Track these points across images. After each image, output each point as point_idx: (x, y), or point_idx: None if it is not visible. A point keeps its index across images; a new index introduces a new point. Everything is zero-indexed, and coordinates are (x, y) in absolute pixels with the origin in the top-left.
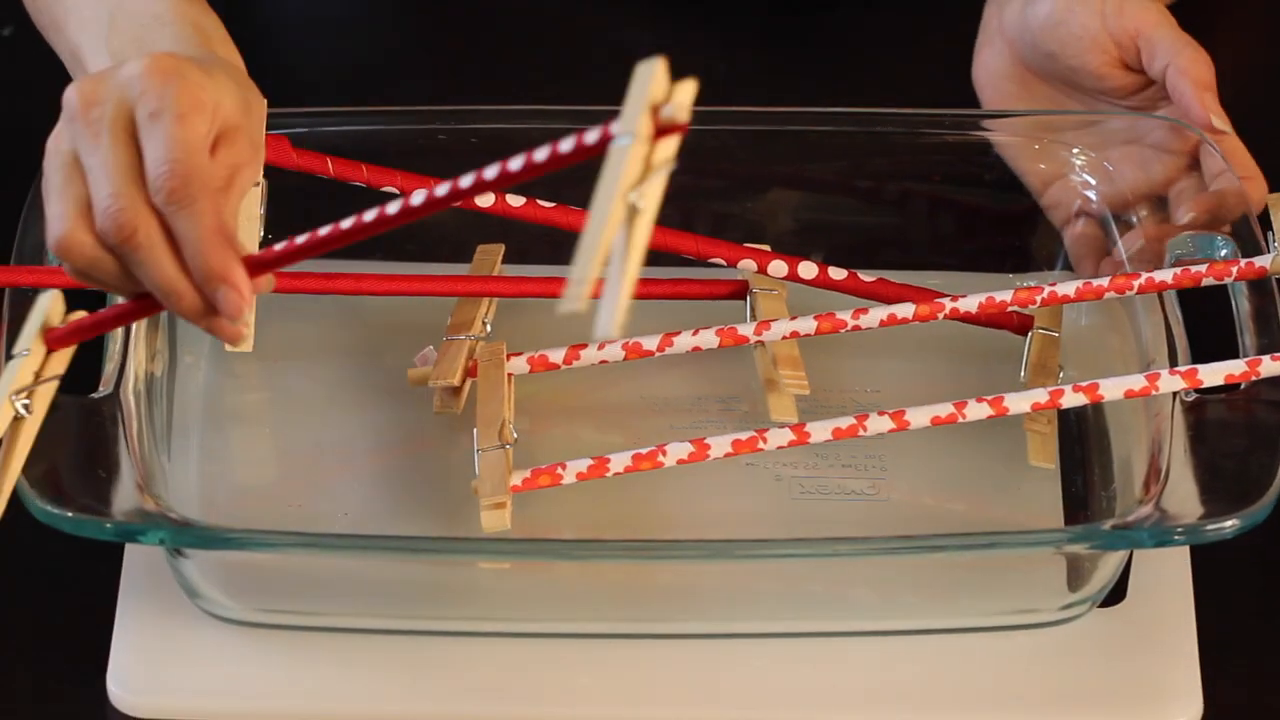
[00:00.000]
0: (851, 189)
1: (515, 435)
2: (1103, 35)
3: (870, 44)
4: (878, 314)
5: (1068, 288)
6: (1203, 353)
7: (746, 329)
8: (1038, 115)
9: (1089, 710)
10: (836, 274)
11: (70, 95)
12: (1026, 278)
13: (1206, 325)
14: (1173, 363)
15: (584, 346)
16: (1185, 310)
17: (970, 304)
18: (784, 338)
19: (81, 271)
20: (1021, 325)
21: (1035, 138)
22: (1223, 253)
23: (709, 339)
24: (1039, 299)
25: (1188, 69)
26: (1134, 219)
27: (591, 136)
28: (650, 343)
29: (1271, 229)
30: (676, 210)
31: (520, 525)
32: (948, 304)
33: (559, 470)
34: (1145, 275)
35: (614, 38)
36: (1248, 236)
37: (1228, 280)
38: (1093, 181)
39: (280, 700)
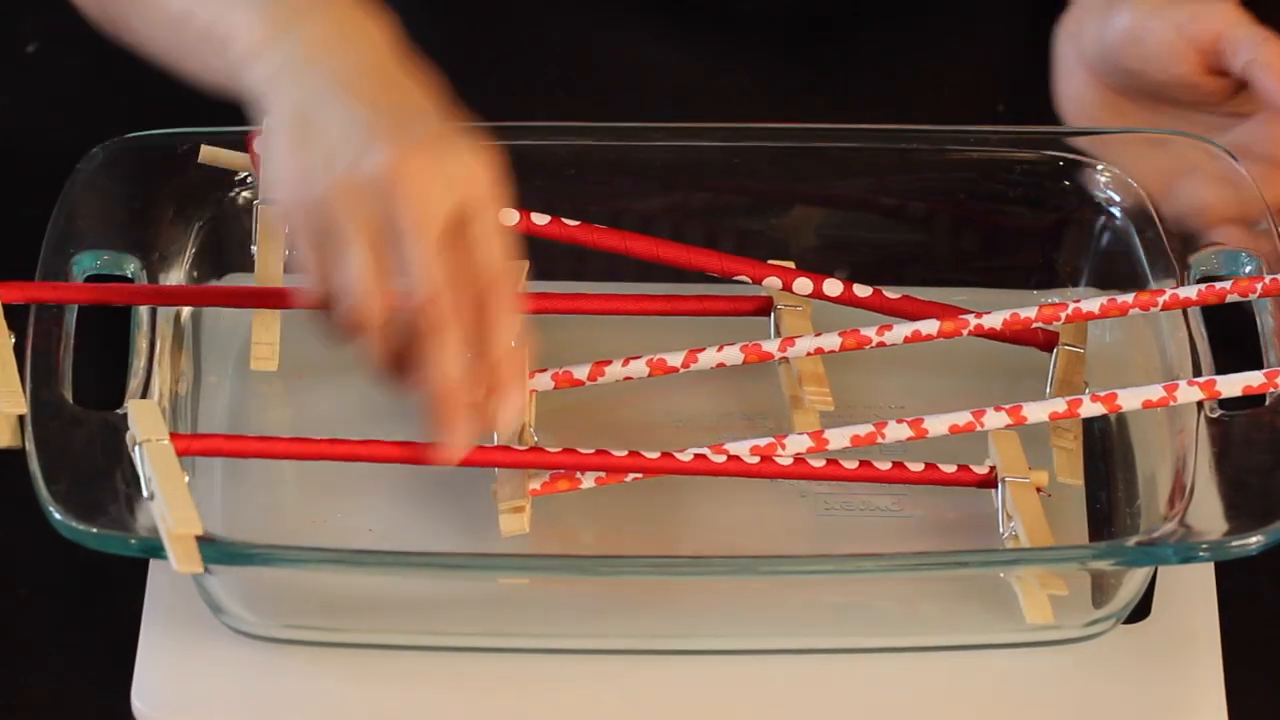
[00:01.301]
0: (876, 206)
1: (535, 438)
2: (1181, 44)
3: (895, 61)
4: (902, 330)
5: (1092, 304)
6: (1227, 369)
7: (771, 345)
8: (1069, 133)
9: None
10: (861, 291)
11: (391, 164)
12: (1051, 294)
13: (1231, 341)
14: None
15: (608, 363)
16: (1209, 326)
17: (995, 320)
18: (809, 354)
19: (350, 316)
20: (1047, 342)
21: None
22: (1247, 269)
23: (733, 355)
24: (1063, 315)
25: (1271, 62)
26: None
27: None
28: (675, 359)
29: None
30: (701, 227)
31: (539, 532)
32: (972, 320)
33: (578, 475)
34: (1170, 292)
35: (637, 55)
36: (1271, 255)
37: (1252, 296)
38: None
39: (304, 716)
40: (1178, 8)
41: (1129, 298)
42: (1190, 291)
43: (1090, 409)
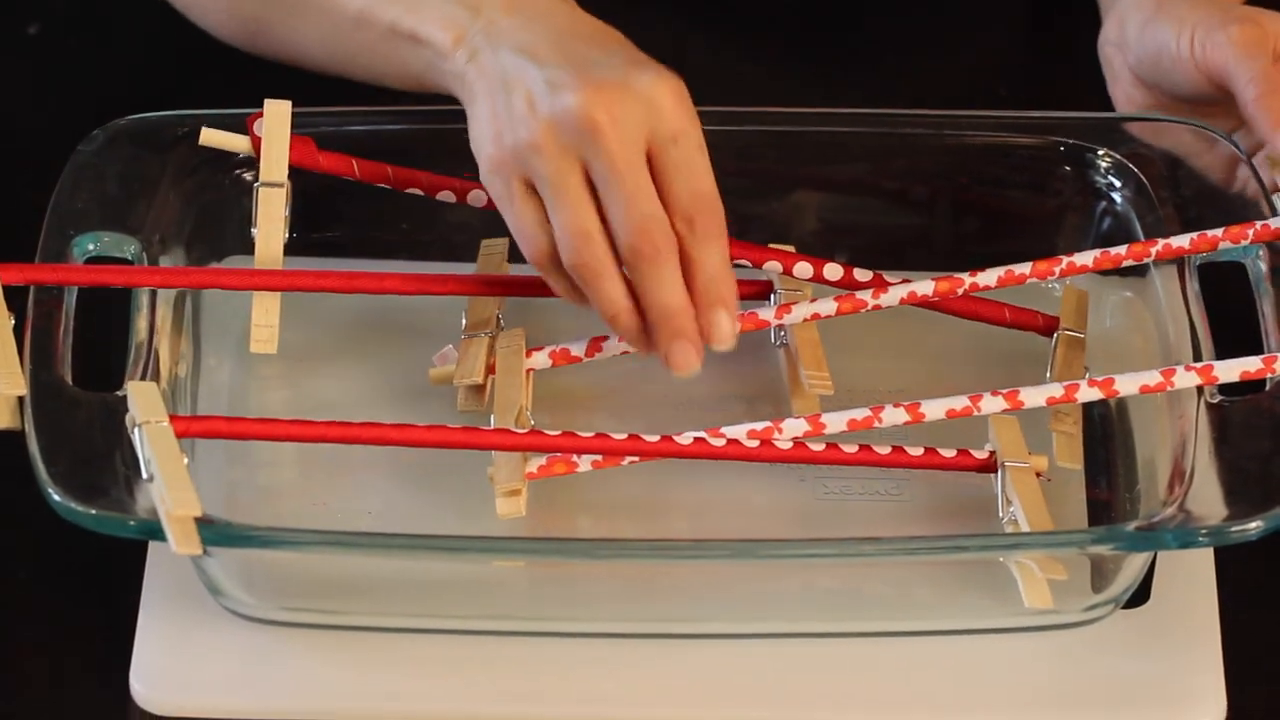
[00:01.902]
0: (877, 190)
1: (532, 421)
2: (1198, 74)
3: (897, 45)
4: (898, 291)
5: (1086, 258)
6: (1227, 354)
7: (767, 313)
8: (1069, 118)
9: (1112, 712)
10: (862, 275)
11: (583, 105)
12: (1052, 281)
13: (1232, 327)
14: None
15: (605, 339)
16: (1211, 313)
17: (989, 278)
18: (805, 320)
19: (579, 267)
20: (1047, 326)
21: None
22: (1249, 254)
23: None
24: (1058, 270)
25: (1266, 106)
26: None
27: None
28: None
29: (1279, 189)
30: None
31: (537, 515)
32: (967, 279)
33: (574, 458)
34: (1162, 242)
35: (638, 39)
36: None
37: (1244, 243)
38: None
39: (303, 698)
40: (1194, 28)
41: (1123, 250)
42: (1183, 240)
43: (1087, 394)
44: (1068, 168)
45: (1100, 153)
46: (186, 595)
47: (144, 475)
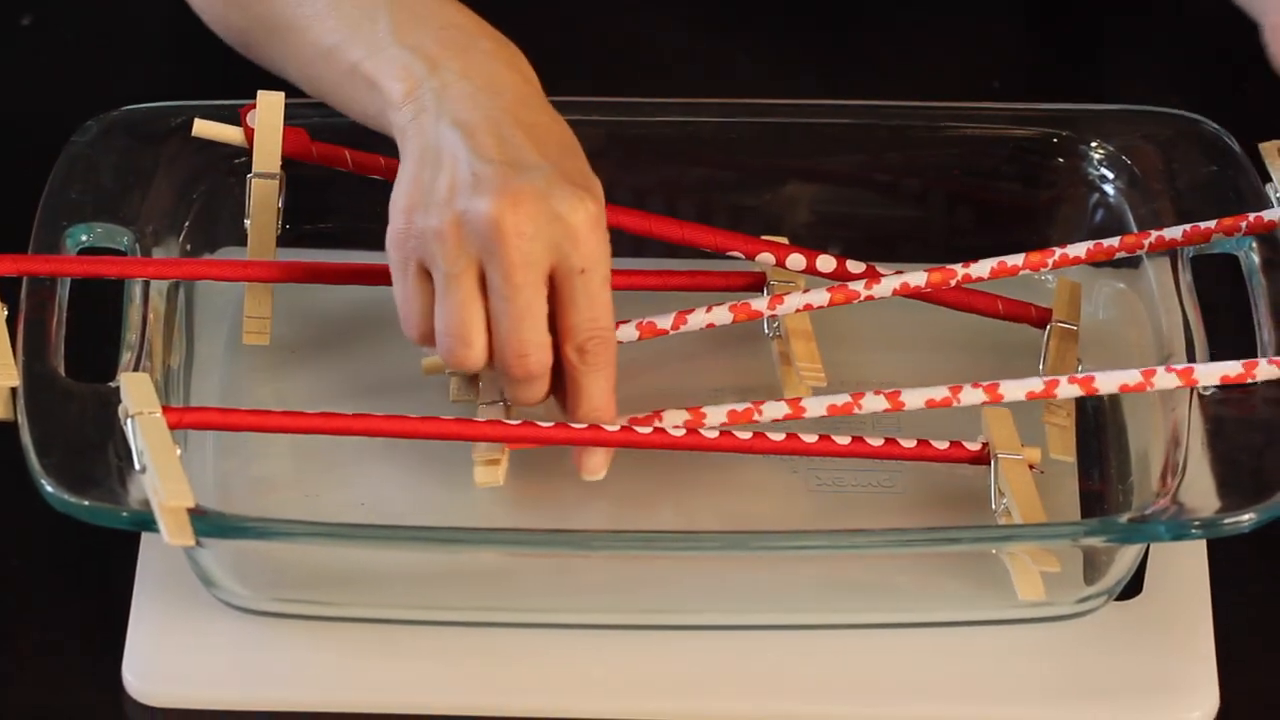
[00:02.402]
0: (870, 182)
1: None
2: None
3: (889, 38)
4: (890, 283)
5: (1079, 249)
6: (1220, 347)
7: (760, 303)
8: (1063, 110)
9: (1104, 703)
10: (855, 267)
11: (496, 212)
12: (1045, 273)
13: (1225, 320)
14: (1190, 357)
15: None
16: (1203, 305)
17: (982, 269)
18: (798, 310)
19: (451, 364)
20: (1040, 319)
21: None
22: (1242, 247)
23: (722, 315)
24: (1050, 261)
25: None
26: None
27: None
28: (664, 321)
29: (1271, 179)
30: (694, 203)
31: (515, 483)
32: (960, 270)
33: None
34: (1155, 233)
35: (633, 30)
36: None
37: (1237, 235)
38: None
39: (295, 690)
40: None
41: (1115, 241)
42: (1176, 232)
43: (1067, 390)
44: (1061, 160)
45: (1093, 144)
46: (179, 586)
47: (136, 466)
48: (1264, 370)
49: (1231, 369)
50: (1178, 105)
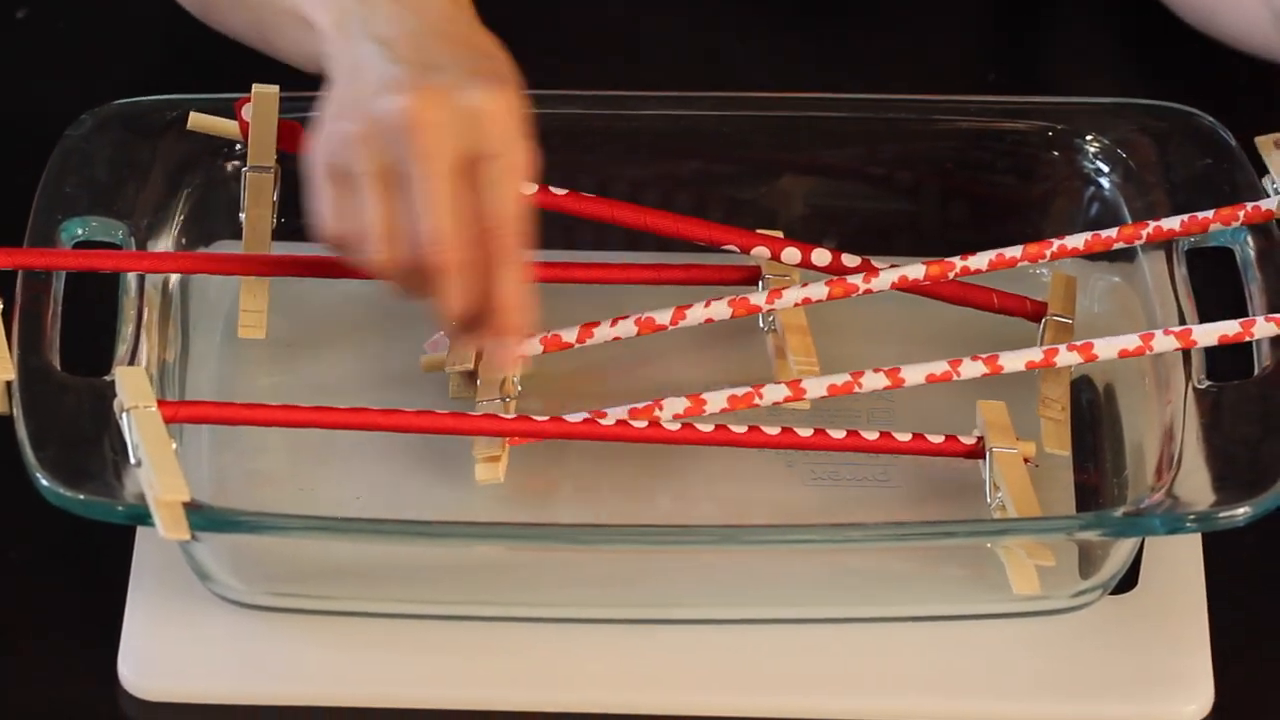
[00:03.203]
0: (865, 176)
1: (519, 387)
2: None
3: (886, 30)
4: (889, 276)
5: (1076, 240)
6: (1216, 343)
7: (758, 298)
8: (1058, 103)
9: (1100, 697)
10: (850, 261)
11: (406, 106)
12: (1040, 266)
13: (1220, 314)
14: (1185, 353)
15: (596, 324)
16: (1198, 298)
17: (980, 261)
18: (796, 304)
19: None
20: (1035, 312)
21: None
22: (1237, 240)
23: (721, 310)
24: (1049, 253)
25: None
26: None
27: None
28: (663, 317)
29: (1268, 172)
30: (689, 197)
31: (517, 482)
32: (958, 263)
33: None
34: (1152, 224)
35: (629, 22)
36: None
37: (1235, 224)
38: None
39: (291, 684)
40: None
41: (1113, 233)
42: (1174, 223)
43: (1066, 358)
44: (1056, 153)
45: (1089, 138)
46: (174, 581)
47: (132, 460)
48: (1261, 328)
49: (1229, 328)
50: (1173, 99)
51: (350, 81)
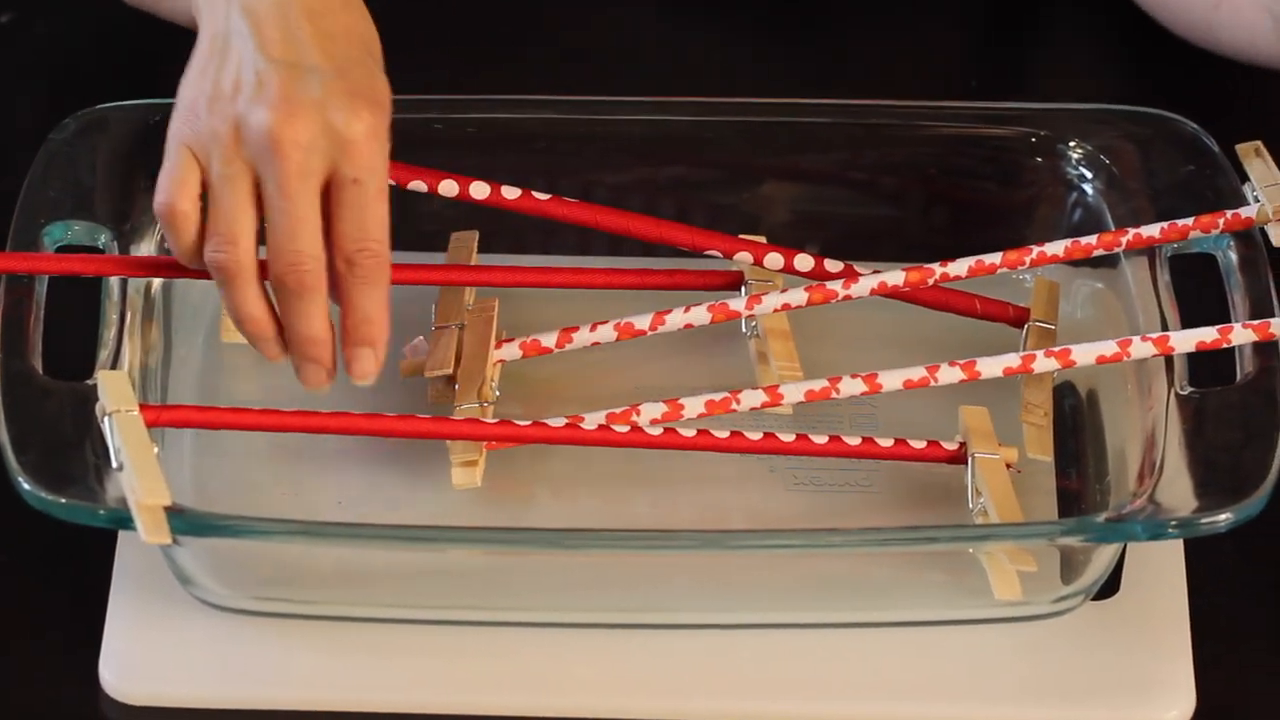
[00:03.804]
0: (848, 181)
1: (497, 393)
2: None
3: (869, 36)
4: (868, 282)
5: (1056, 247)
6: (1198, 350)
7: (738, 303)
8: (1041, 109)
9: (1081, 703)
10: (833, 266)
11: (273, 124)
12: (1022, 272)
13: (1202, 320)
14: (1168, 359)
15: (575, 329)
16: (1181, 304)
17: (960, 268)
18: (776, 310)
19: (216, 266)
20: (1017, 318)
21: None
22: (1219, 246)
23: (700, 315)
24: (1028, 259)
25: None
26: None
27: None
28: (642, 322)
29: (1249, 179)
30: (672, 202)
31: (491, 482)
32: (938, 269)
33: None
34: (1133, 231)
35: (612, 29)
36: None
37: (1214, 232)
38: None
39: (273, 688)
40: None
41: (1093, 240)
42: (1153, 230)
43: (1044, 364)
44: (1039, 159)
45: (1072, 143)
46: (156, 584)
47: (114, 464)
48: (1239, 335)
49: (1207, 334)
50: (1155, 105)
51: (217, 56)
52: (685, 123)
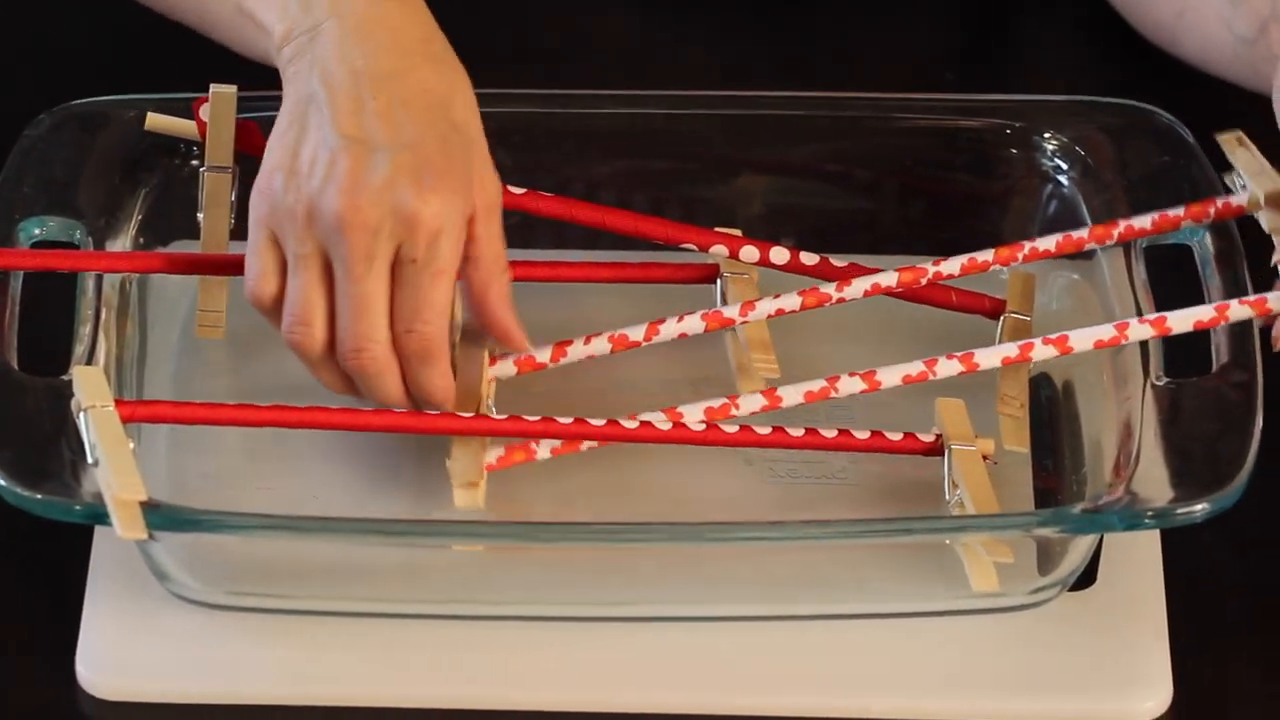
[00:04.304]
0: (824, 174)
1: (495, 412)
2: None
3: (845, 29)
4: (861, 284)
5: (1048, 242)
6: (1174, 337)
7: (731, 311)
8: (1016, 101)
9: (1058, 694)
10: (808, 259)
11: (340, 208)
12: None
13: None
14: (1143, 347)
15: (570, 343)
16: (1157, 296)
17: (953, 266)
18: (770, 316)
19: (292, 345)
20: (993, 310)
21: None
22: (1195, 238)
23: (694, 324)
24: (1021, 255)
25: None
26: None
27: None
28: (636, 333)
29: (1234, 169)
30: (647, 196)
31: (493, 502)
32: (930, 268)
33: (533, 445)
34: (1124, 223)
35: (589, 22)
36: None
37: (1206, 221)
38: None
39: (249, 683)
40: None
41: (1084, 233)
42: (1144, 221)
43: (1042, 351)
44: (1014, 151)
45: (1047, 135)
46: (132, 580)
47: (89, 460)
48: (1236, 311)
49: (1204, 313)
50: (1131, 97)
51: (297, 125)
52: (661, 116)
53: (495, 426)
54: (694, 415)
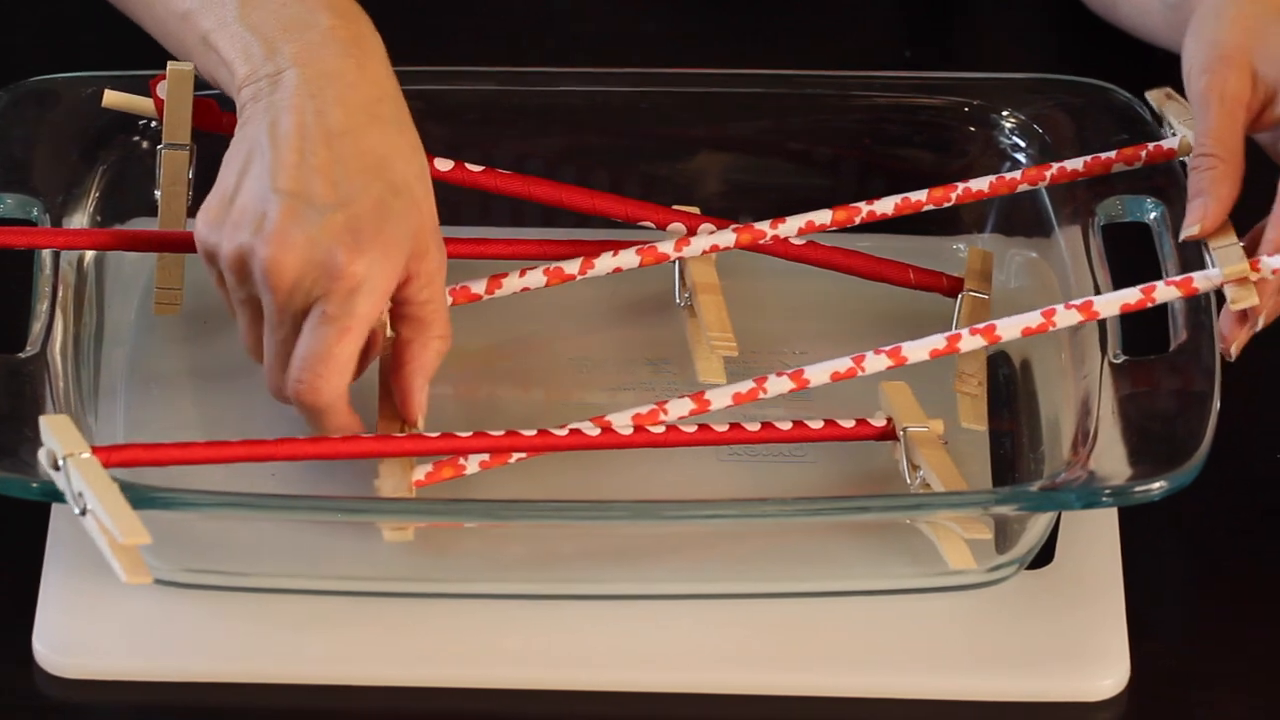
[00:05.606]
0: (782, 152)
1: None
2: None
3: (803, 6)
4: (795, 223)
5: (981, 183)
6: (1131, 317)
7: (666, 246)
8: (974, 79)
9: (1016, 672)
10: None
11: (266, 259)
12: (958, 239)
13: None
14: (1101, 327)
15: (505, 275)
16: (1115, 275)
17: (887, 205)
18: (705, 252)
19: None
20: (951, 288)
21: None
22: (1152, 215)
23: (630, 259)
24: (954, 196)
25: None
26: None
27: None
28: (571, 267)
29: (1165, 120)
30: (606, 173)
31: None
32: (864, 208)
33: (461, 460)
34: (1057, 165)
35: (551, 1)
36: (1177, 198)
37: (1137, 164)
38: None
39: (206, 660)
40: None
41: (1018, 174)
42: (1077, 164)
43: (970, 342)
44: (972, 128)
45: (1005, 113)
46: (89, 558)
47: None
48: (1162, 292)
49: (1130, 295)
50: (1089, 75)
51: (239, 165)
52: (619, 93)
53: (465, 445)
54: (621, 422)
